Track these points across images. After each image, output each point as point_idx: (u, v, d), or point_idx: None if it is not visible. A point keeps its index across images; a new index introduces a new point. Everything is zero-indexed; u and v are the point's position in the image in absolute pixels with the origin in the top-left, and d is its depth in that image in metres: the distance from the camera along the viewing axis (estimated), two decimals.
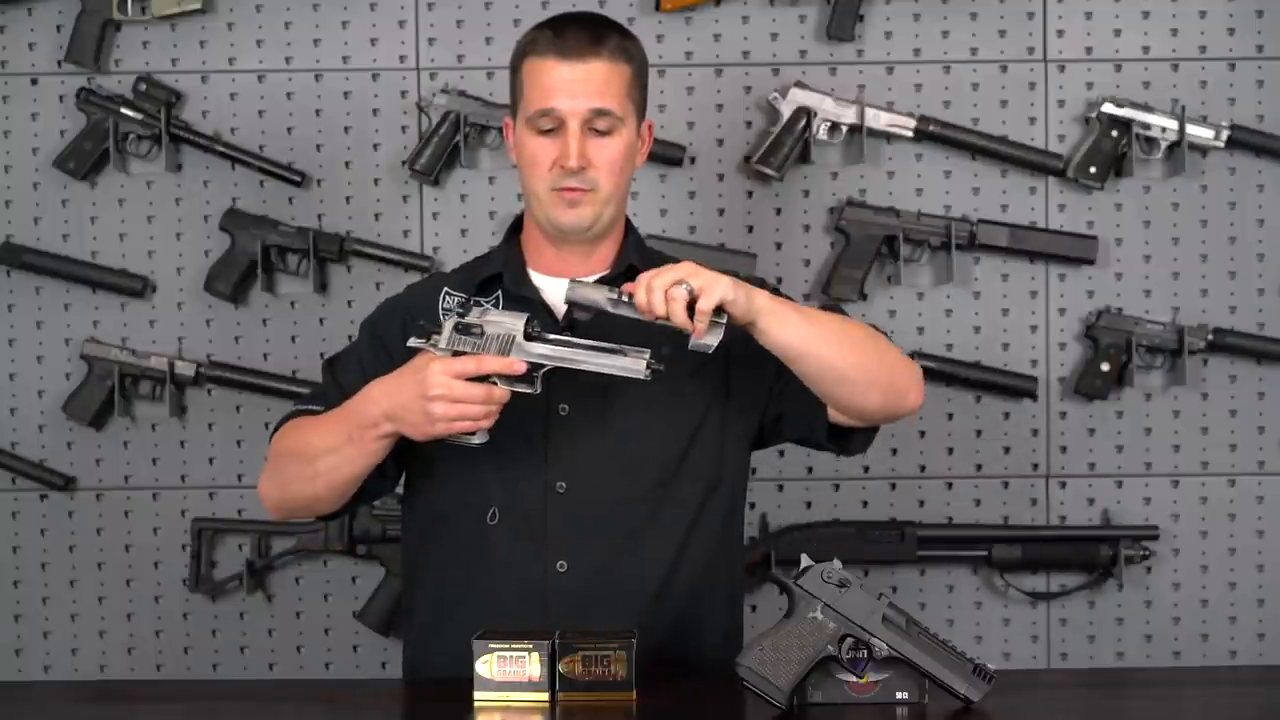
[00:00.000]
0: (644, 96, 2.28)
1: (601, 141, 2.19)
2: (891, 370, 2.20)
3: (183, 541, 3.21)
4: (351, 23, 3.20)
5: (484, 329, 2.06)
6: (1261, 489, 3.21)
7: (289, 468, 2.21)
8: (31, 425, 3.22)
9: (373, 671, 3.19)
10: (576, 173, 2.18)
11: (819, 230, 3.21)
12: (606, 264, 2.29)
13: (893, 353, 2.23)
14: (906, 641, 1.92)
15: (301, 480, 2.19)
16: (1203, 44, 3.19)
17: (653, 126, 2.32)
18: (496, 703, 1.95)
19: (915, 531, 3.16)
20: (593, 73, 2.19)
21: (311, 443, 2.17)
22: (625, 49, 2.23)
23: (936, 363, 3.17)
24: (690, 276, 2.04)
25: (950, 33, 3.19)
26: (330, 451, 2.15)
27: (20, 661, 3.23)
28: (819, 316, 2.18)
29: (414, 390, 2.05)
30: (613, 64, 2.20)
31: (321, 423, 2.19)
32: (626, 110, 2.22)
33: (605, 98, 2.19)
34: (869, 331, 2.24)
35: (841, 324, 2.19)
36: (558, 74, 2.18)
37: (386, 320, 2.32)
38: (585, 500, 2.19)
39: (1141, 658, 3.20)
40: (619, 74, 2.21)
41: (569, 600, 2.17)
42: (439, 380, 2.03)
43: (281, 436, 2.24)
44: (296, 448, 2.20)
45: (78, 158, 3.18)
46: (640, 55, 2.27)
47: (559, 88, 2.18)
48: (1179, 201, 3.20)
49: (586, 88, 2.18)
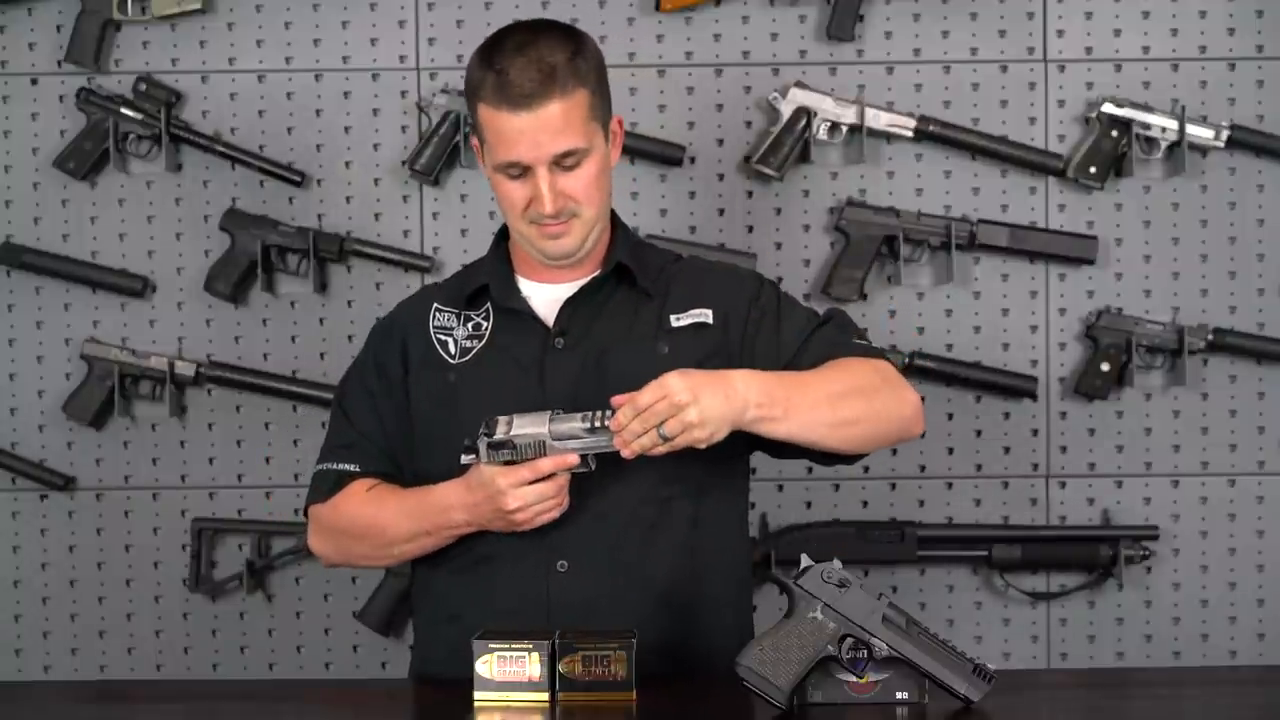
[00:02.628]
0: (606, 100, 2.21)
1: (572, 174, 2.16)
2: (887, 422, 2.20)
3: (183, 541, 3.21)
4: (351, 23, 3.20)
5: (514, 443, 2.10)
6: (1261, 489, 3.21)
7: (358, 546, 2.30)
8: (31, 425, 3.22)
9: (373, 671, 3.19)
10: (556, 213, 2.17)
11: (819, 230, 3.21)
12: (596, 265, 2.28)
13: (887, 402, 2.19)
14: (906, 641, 1.92)
15: (374, 558, 2.36)
16: (1203, 44, 3.19)
17: (622, 121, 2.27)
18: (496, 703, 1.95)
19: (915, 531, 3.16)
20: (549, 118, 2.12)
21: (386, 532, 2.25)
22: (576, 71, 2.14)
23: (936, 363, 3.17)
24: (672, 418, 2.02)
25: (950, 33, 3.19)
26: (409, 542, 2.24)
27: (20, 661, 3.23)
28: (810, 399, 2.12)
29: (491, 507, 2.13)
30: (567, 98, 2.13)
31: (395, 514, 2.24)
32: (591, 134, 2.17)
33: (566, 137, 2.14)
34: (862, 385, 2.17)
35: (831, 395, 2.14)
36: (512, 126, 2.13)
37: (383, 344, 2.33)
38: (587, 504, 2.19)
39: (1141, 658, 3.20)
40: (576, 104, 2.14)
41: (570, 600, 2.17)
42: (512, 496, 2.10)
43: (333, 514, 2.29)
44: (366, 531, 2.27)
45: (78, 158, 3.18)
46: (592, 61, 2.19)
47: (517, 140, 2.13)
48: (1179, 201, 3.20)
49: (545, 134, 2.13)
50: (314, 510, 2.32)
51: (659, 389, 2.02)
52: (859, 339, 2.28)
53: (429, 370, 2.26)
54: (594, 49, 2.21)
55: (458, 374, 2.24)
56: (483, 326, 2.27)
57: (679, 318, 2.25)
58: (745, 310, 2.25)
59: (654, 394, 2.02)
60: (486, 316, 2.27)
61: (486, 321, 2.27)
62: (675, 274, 2.31)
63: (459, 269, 2.51)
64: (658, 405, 2.02)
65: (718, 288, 2.28)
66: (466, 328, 2.28)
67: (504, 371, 2.23)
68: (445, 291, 2.34)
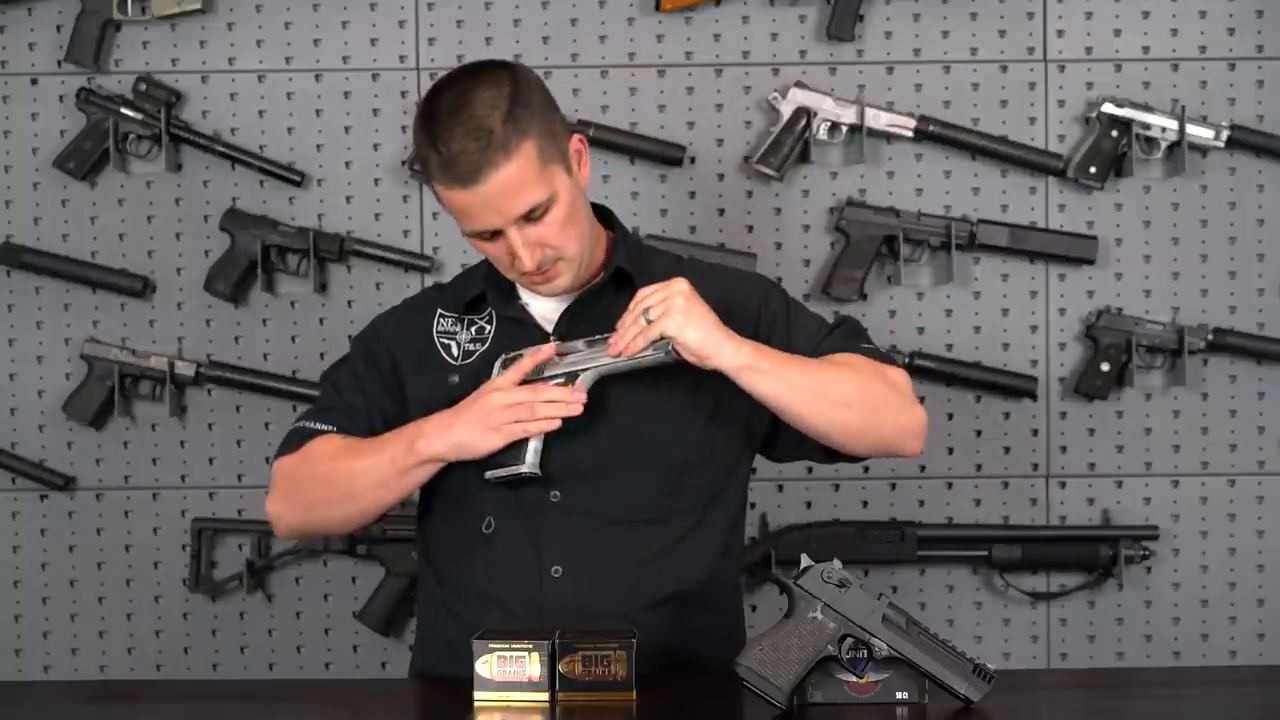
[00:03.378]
0: (556, 134, 2.13)
1: (543, 222, 2.12)
2: (883, 426, 2.17)
3: (183, 541, 3.21)
4: (351, 23, 3.20)
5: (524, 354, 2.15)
6: (1261, 489, 3.21)
7: (317, 491, 2.22)
8: (31, 425, 3.23)
9: (373, 671, 3.19)
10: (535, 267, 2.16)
11: (819, 230, 3.21)
12: (595, 272, 2.26)
13: (888, 408, 2.17)
14: (906, 641, 1.92)
15: (334, 503, 2.21)
16: (1203, 44, 3.19)
17: (583, 139, 2.20)
18: (496, 703, 1.95)
19: (915, 531, 3.16)
20: (500, 185, 2.07)
21: (351, 470, 2.19)
22: (516, 124, 2.07)
23: (936, 363, 3.17)
24: (660, 303, 2.06)
25: (950, 33, 3.19)
26: (376, 481, 2.17)
27: (20, 661, 3.23)
28: (804, 372, 2.13)
29: (473, 408, 2.13)
30: (513, 159, 2.06)
31: (360, 451, 2.20)
32: (550, 178, 2.11)
33: (525, 194, 2.09)
34: (864, 384, 2.16)
35: (831, 380, 2.14)
36: (468, 201, 2.09)
37: (376, 334, 2.33)
38: (581, 508, 2.18)
39: (1141, 658, 3.20)
40: (524, 161, 2.07)
41: (564, 605, 2.16)
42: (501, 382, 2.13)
43: (302, 461, 2.24)
44: (328, 474, 2.21)
45: (78, 158, 3.18)
46: (533, 99, 2.10)
47: (476, 213, 2.11)
48: (1179, 201, 3.20)
49: (504, 200, 2.09)
50: (279, 464, 2.26)
51: (663, 287, 2.08)
52: (868, 344, 2.26)
53: (430, 372, 2.26)
54: (529, 86, 2.12)
55: (460, 376, 2.24)
56: (485, 330, 2.27)
57: None
58: (754, 314, 2.24)
59: (658, 290, 2.08)
60: (490, 320, 2.27)
61: (490, 325, 2.27)
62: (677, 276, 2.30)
63: (460, 270, 2.51)
64: (658, 292, 2.07)
65: (725, 290, 2.25)
66: (470, 331, 2.28)
67: None
68: (448, 295, 2.34)
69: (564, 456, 2.18)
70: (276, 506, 2.27)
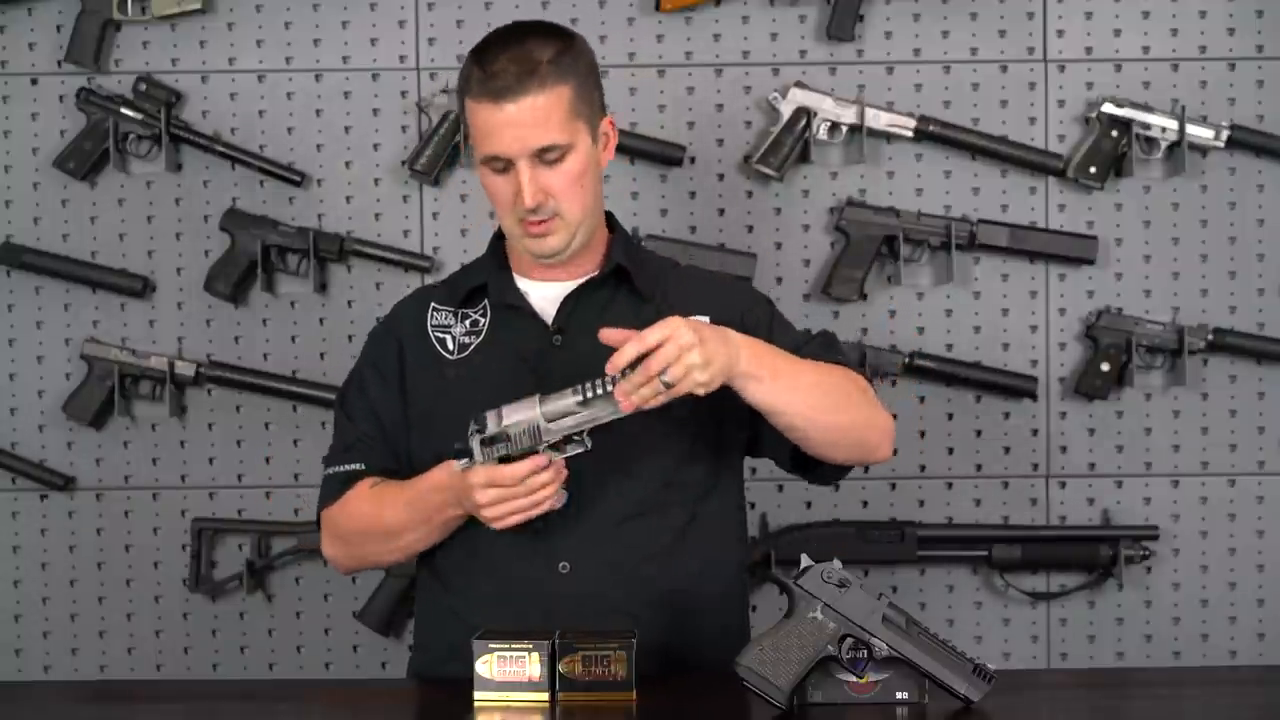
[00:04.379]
0: (594, 100, 2.21)
1: (555, 170, 2.16)
2: (862, 429, 2.21)
3: (183, 541, 3.21)
4: (351, 23, 3.20)
5: (508, 434, 2.05)
6: (1261, 489, 3.21)
7: (365, 544, 2.29)
8: (31, 425, 3.22)
9: (373, 671, 3.19)
10: (535, 209, 2.17)
11: (819, 230, 3.21)
12: (593, 265, 2.28)
13: (867, 409, 2.21)
14: (906, 641, 1.92)
15: (382, 553, 2.31)
16: (1203, 44, 3.19)
17: (614, 122, 2.27)
18: (496, 703, 1.95)
19: (915, 531, 3.16)
20: (530, 110, 2.12)
21: (388, 524, 2.25)
22: (559, 66, 2.15)
23: (936, 363, 3.17)
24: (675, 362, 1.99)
25: (950, 33, 3.19)
26: (411, 531, 2.23)
27: (20, 661, 3.23)
28: (796, 374, 2.14)
29: (469, 501, 2.12)
30: (548, 92, 2.13)
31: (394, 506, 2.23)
32: (574, 130, 2.16)
33: (546, 132, 2.14)
34: (846, 388, 2.20)
35: (816, 382, 2.16)
36: (494, 119, 2.14)
37: (378, 346, 2.34)
38: (589, 505, 2.19)
39: (1141, 658, 3.20)
40: (557, 99, 2.14)
41: (571, 602, 2.17)
42: (480, 493, 2.08)
43: (341, 514, 2.29)
44: (370, 527, 2.27)
45: (78, 158, 3.18)
46: (582, 60, 2.19)
47: (498, 132, 2.14)
48: (1179, 201, 3.20)
49: (525, 128, 2.13)
50: (325, 515, 2.32)
51: (664, 328, 2.01)
52: (841, 355, 2.29)
53: (427, 367, 2.27)
54: (584, 49, 2.21)
55: (456, 369, 2.25)
56: (480, 323, 2.28)
57: None
58: (739, 320, 2.24)
59: (660, 333, 2.00)
60: (484, 313, 2.28)
61: (484, 318, 2.27)
62: (674, 280, 2.32)
63: (458, 269, 2.51)
64: (664, 348, 2.00)
65: (714, 296, 2.29)
66: (464, 324, 2.28)
67: (502, 366, 2.23)
68: (442, 290, 2.34)
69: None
70: (330, 551, 2.35)
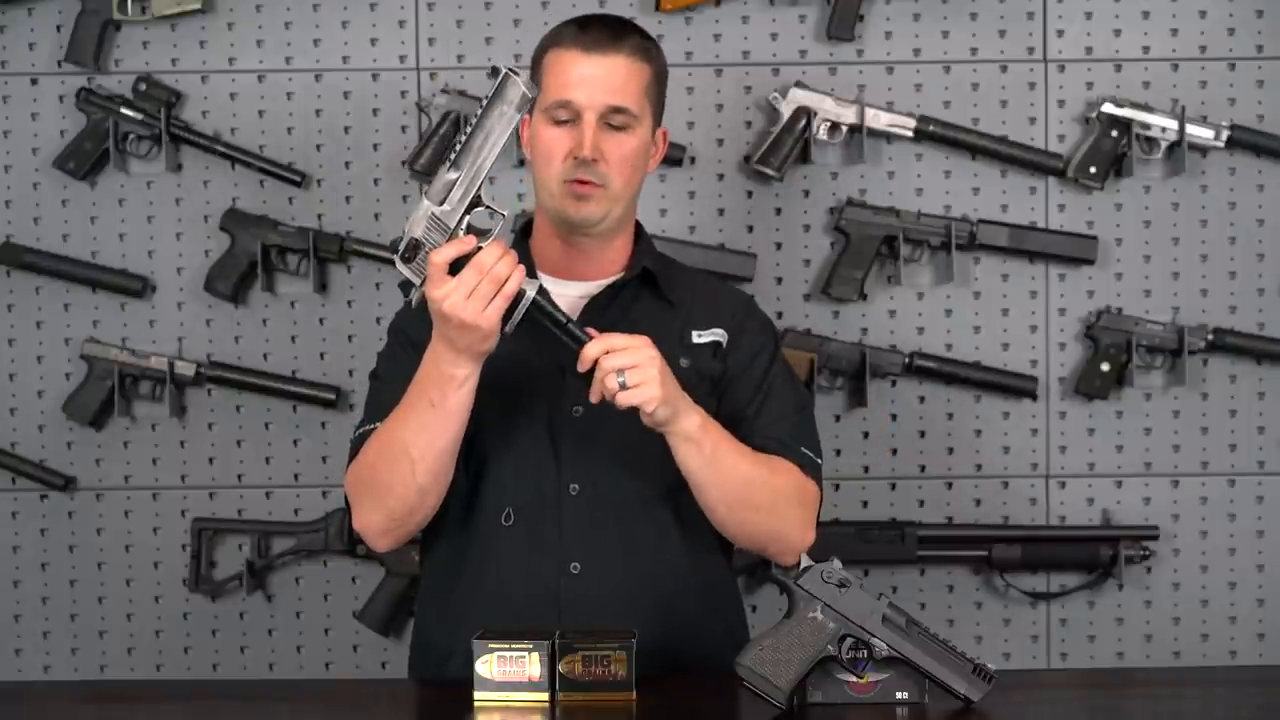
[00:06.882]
0: (661, 101, 2.29)
1: (616, 137, 2.20)
2: (765, 539, 2.23)
3: (183, 541, 3.21)
4: (351, 23, 3.20)
5: (416, 239, 2.08)
6: (1261, 489, 3.21)
7: (381, 475, 2.16)
8: (31, 425, 3.22)
9: (373, 671, 3.19)
10: (589, 164, 2.18)
11: (819, 230, 3.21)
12: (619, 267, 2.28)
13: (785, 522, 2.22)
14: (906, 641, 1.93)
15: (402, 478, 2.14)
16: (1203, 44, 3.19)
17: (667, 134, 2.33)
18: (496, 703, 1.95)
19: (915, 531, 3.16)
20: (613, 68, 2.20)
21: (396, 435, 2.14)
22: (646, 50, 2.25)
23: (936, 363, 3.17)
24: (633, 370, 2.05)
25: (950, 33, 3.19)
26: (420, 429, 2.12)
27: (20, 661, 3.23)
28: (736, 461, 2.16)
29: (440, 325, 2.06)
30: (633, 62, 2.21)
31: (396, 417, 2.15)
32: (643, 109, 2.23)
33: (623, 94, 2.20)
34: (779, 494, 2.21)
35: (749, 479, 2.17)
36: (578, 67, 2.20)
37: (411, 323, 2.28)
38: (599, 502, 2.19)
39: (1141, 658, 3.20)
40: (638, 72, 2.22)
41: (581, 602, 2.17)
42: (438, 290, 2.04)
43: (362, 459, 2.20)
44: (382, 451, 2.16)
45: (78, 158, 3.18)
46: (661, 60, 2.29)
47: (578, 81, 2.19)
48: (1179, 201, 3.20)
49: (605, 83, 2.19)
50: (347, 478, 2.23)
51: (636, 338, 2.07)
52: (808, 450, 2.28)
53: None
54: (664, 56, 2.30)
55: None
56: None
57: (700, 334, 2.28)
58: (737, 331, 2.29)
59: (629, 340, 2.07)
60: None
61: None
62: (698, 290, 2.33)
63: None
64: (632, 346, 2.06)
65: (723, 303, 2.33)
66: None
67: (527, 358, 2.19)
68: None
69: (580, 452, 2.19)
70: (360, 519, 2.21)
